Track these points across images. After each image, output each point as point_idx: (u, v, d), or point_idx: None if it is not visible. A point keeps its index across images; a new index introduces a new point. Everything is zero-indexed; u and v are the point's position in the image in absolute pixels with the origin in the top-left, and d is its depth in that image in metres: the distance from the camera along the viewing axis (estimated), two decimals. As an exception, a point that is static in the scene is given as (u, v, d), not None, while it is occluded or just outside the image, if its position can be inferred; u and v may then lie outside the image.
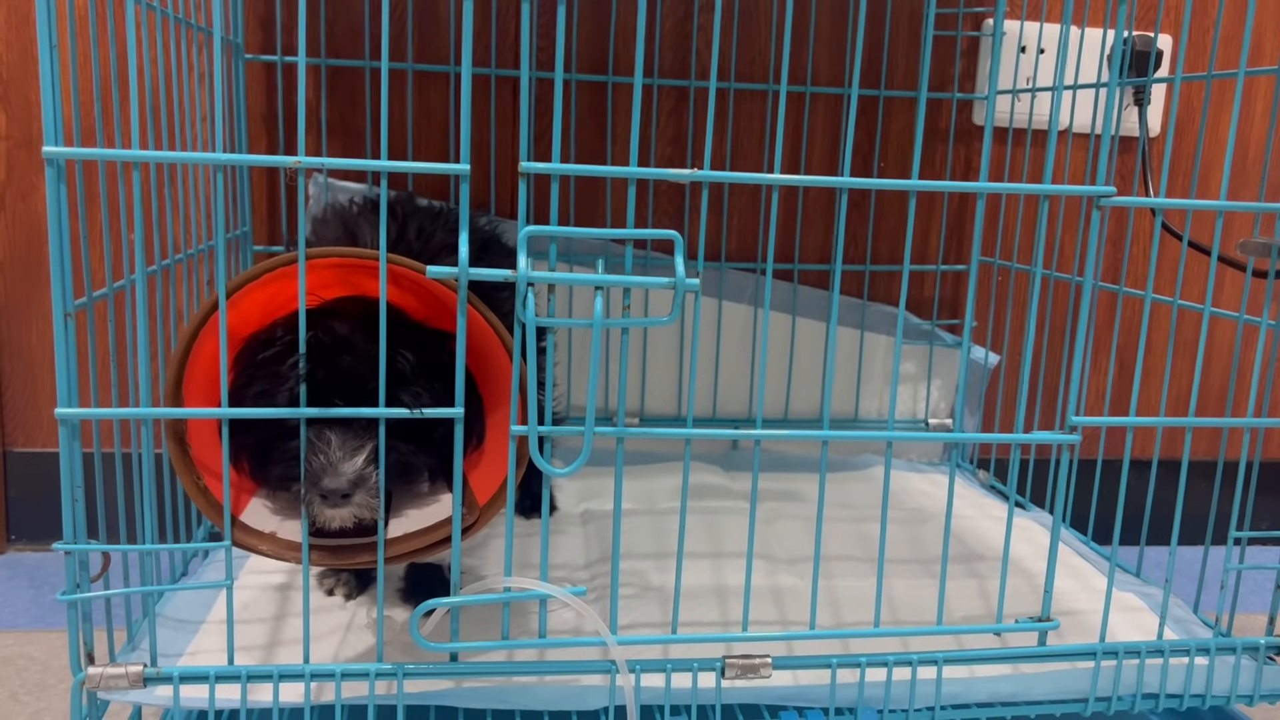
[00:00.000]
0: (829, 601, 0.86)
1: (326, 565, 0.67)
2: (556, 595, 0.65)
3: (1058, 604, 0.86)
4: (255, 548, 0.64)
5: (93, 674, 0.64)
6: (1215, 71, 0.90)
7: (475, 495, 0.67)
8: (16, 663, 0.90)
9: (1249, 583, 1.14)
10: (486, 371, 0.68)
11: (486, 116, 1.14)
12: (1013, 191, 0.68)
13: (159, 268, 0.79)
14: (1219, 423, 0.78)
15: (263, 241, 1.12)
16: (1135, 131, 1.21)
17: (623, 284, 0.61)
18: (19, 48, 1.06)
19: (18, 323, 1.11)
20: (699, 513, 1.04)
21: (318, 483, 0.62)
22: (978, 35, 1.20)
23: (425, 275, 0.60)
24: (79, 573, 0.63)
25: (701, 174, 0.62)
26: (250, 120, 1.11)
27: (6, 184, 1.07)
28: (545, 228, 0.60)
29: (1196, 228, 1.14)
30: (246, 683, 0.64)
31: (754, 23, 1.17)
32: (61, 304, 0.59)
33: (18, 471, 1.13)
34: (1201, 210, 0.75)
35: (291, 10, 1.09)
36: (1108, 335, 1.24)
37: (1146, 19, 1.20)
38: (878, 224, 1.22)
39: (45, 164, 0.58)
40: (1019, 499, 1.16)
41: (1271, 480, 1.30)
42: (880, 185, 0.67)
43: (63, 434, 0.60)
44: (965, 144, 1.23)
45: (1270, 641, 0.76)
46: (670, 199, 1.19)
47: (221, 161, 0.58)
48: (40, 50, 0.57)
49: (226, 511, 0.63)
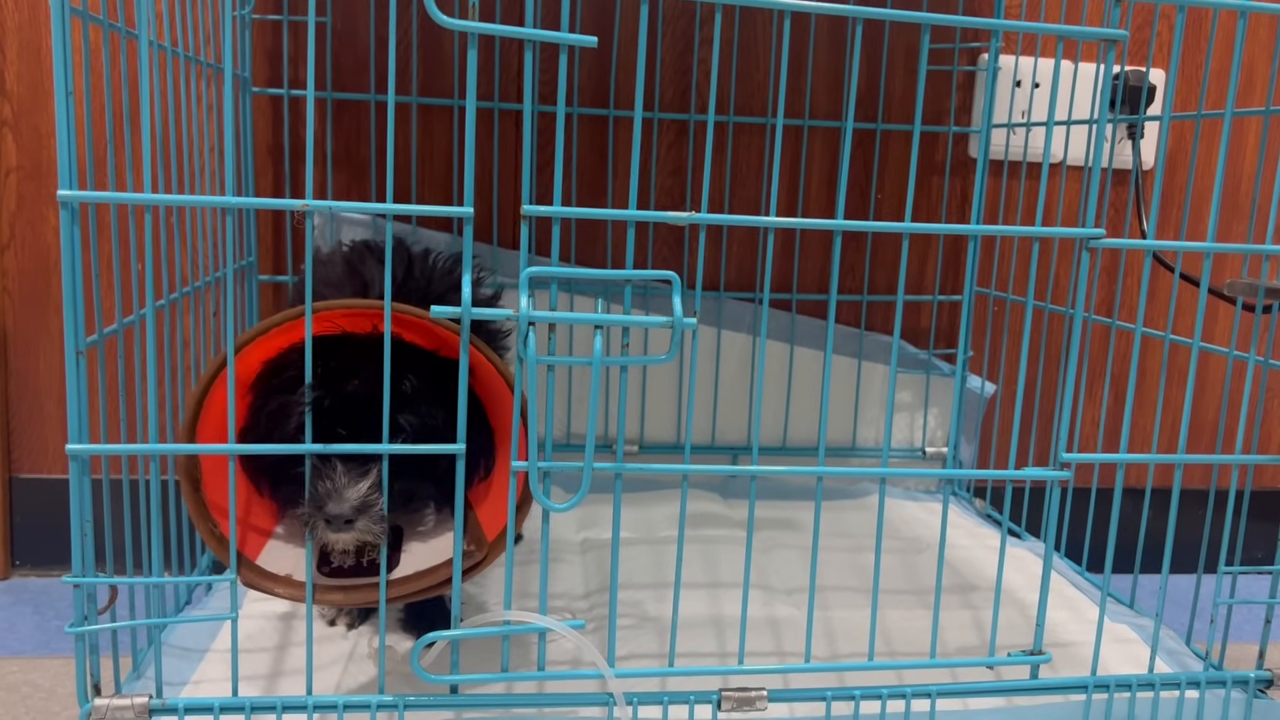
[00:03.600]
0: (825, 633, 0.87)
1: (338, 604, 0.69)
2: (556, 629, 0.66)
3: (1051, 635, 0.87)
4: (271, 590, 0.66)
5: (99, 705, 0.65)
6: (1205, 111, 0.92)
7: (484, 530, 0.69)
8: (21, 690, 0.90)
9: (1243, 612, 1.15)
10: (496, 404, 0.69)
11: (489, 149, 1.16)
12: (1004, 234, 0.69)
13: (166, 302, 0.80)
14: (1210, 459, 0.80)
15: (268, 271, 1.14)
16: (1129, 165, 1.23)
17: (622, 323, 0.62)
18: (29, 79, 1.08)
19: (25, 351, 1.12)
20: (697, 542, 1.05)
21: (322, 507, 0.64)
22: (974, 70, 1.22)
23: (429, 317, 0.62)
24: (86, 605, 0.64)
25: (699, 217, 0.63)
26: (257, 153, 1.12)
27: (16, 214, 1.09)
28: (546, 269, 0.62)
29: (1189, 260, 1.15)
30: (250, 714, 0.65)
31: (753, 57, 1.19)
32: (74, 341, 0.61)
33: (23, 498, 1.15)
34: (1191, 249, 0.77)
35: (298, 44, 1.11)
36: (1103, 366, 1.25)
37: (1139, 54, 1.22)
38: (875, 255, 1.24)
39: (60, 207, 0.59)
40: (1014, 528, 1.17)
41: (1265, 509, 1.31)
42: (874, 228, 0.68)
43: (73, 469, 0.61)
44: (961, 176, 1.24)
45: (1260, 675, 0.77)
46: (670, 229, 1.21)
47: (233, 205, 0.60)
48: (56, 95, 0.58)
49: (233, 546, 0.64)
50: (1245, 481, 0.81)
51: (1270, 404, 1.33)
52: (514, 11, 1.14)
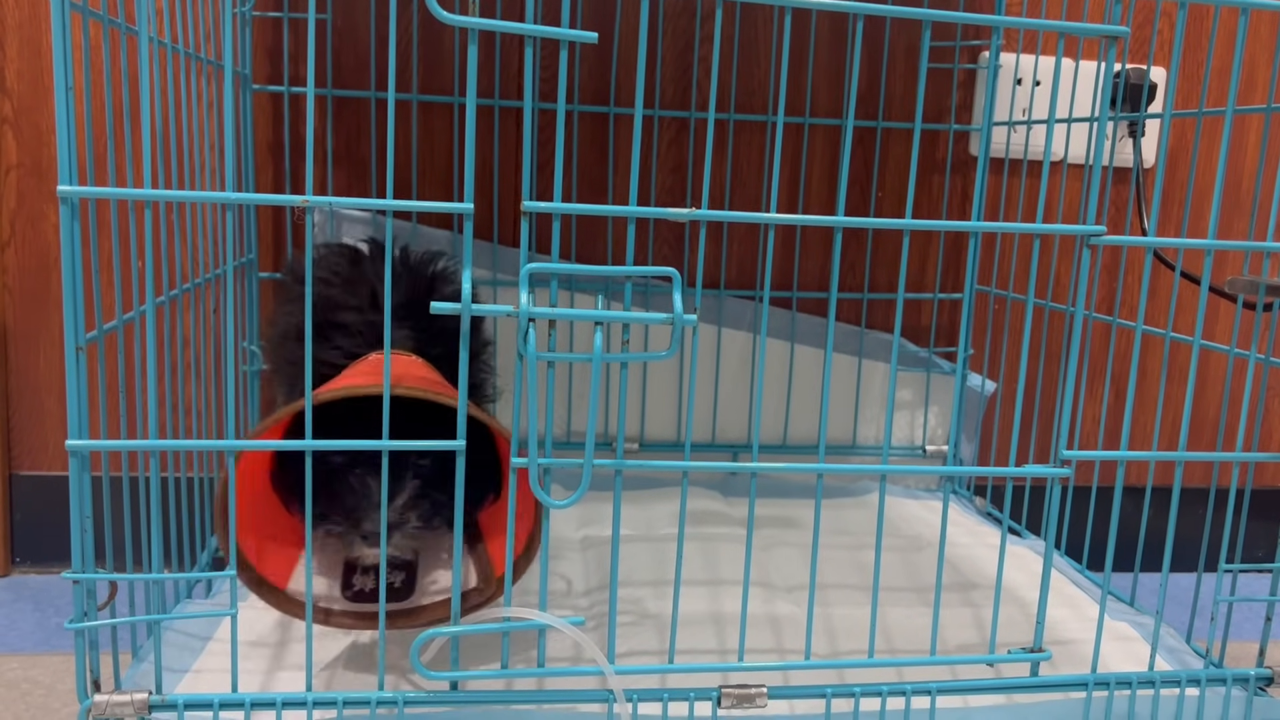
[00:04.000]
0: (825, 630, 0.87)
1: (360, 628, 0.71)
2: (555, 626, 0.66)
3: (1051, 633, 0.87)
4: (299, 615, 0.68)
5: (99, 701, 0.65)
6: (1207, 108, 0.92)
7: (494, 564, 0.71)
8: (21, 686, 0.90)
9: (1244, 610, 1.15)
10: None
11: (490, 147, 1.16)
12: (1005, 230, 0.69)
13: (166, 298, 0.80)
14: (1210, 457, 0.79)
15: (268, 269, 1.14)
16: (1130, 164, 1.22)
17: (622, 320, 0.62)
18: (29, 77, 1.08)
19: (26, 348, 1.12)
20: (697, 539, 1.05)
21: (358, 525, 0.68)
22: (975, 68, 1.22)
23: (451, 394, 0.65)
24: (86, 601, 0.64)
25: (699, 214, 0.63)
26: (257, 150, 1.12)
27: (17, 211, 1.09)
28: (546, 265, 0.61)
29: (1190, 258, 1.15)
30: (250, 710, 0.65)
31: (753, 55, 1.19)
32: (73, 338, 0.61)
33: (23, 495, 1.15)
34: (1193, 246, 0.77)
35: (299, 41, 1.11)
36: (1104, 363, 1.25)
37: (1140, 52, 1.22)
38: (876, 253, 1.24)
39: (59, 202, 0.59)
40: (1015, 526, 1.17)
41: (1266, 507, 1.31)
42: (874, 224, 0.68)
43: (73, 465, 0.61)
44: (963, 174, 1.24)
45: (1260, 673, 0.77)
46: (671, 226, 1.21)
47: (233, 201, 0.60)
48: (56, 91, 0.58)
49: (233, 543, 0.64)
50: (1246, 480, 0.80)
51: (1271, 402, 1.33)
52: (514, 8, 1.14)
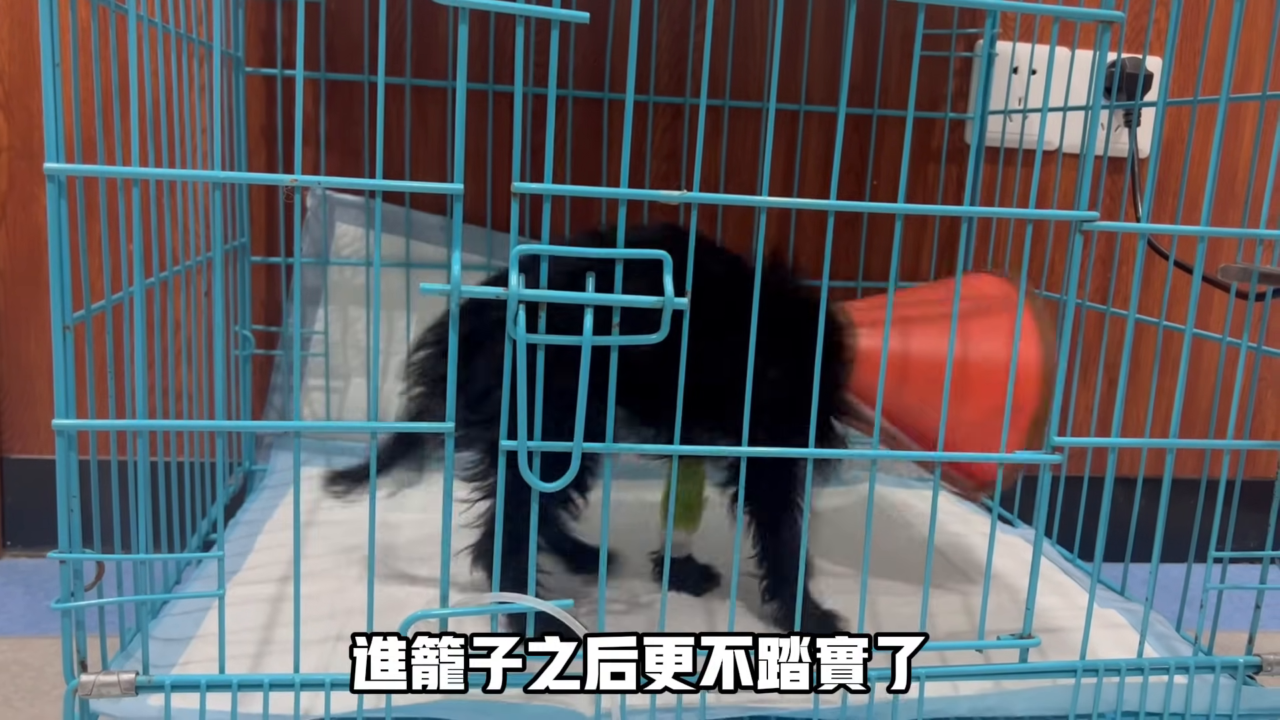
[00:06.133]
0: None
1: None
2: (544, 608, 0.66)
3: (1041, 620, 0.87)
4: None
5: (85, 681, 0.64)
6: (1202, 96, 0.92)
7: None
8: (10, 669, 0.90)
9: (1234, 599, 1.15)
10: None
11: (483, 132, 1.16)
12: (999, 215, 0.69)
13: (156, 280, 0.80)
14: (1202, 444, 0.79)
15: (261, 252, 1.13)
16: (1125, 153, 1.22)
17: (612, 303, 0.62)
18: (21, 59, 1.07)
19: (16, 331, 1.12)
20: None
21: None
22: (970, 56, 1.21)
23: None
24: (73, 581, 0.63)
25: (691, 196, 0.63)
26: (250, 133, 1.12)
27: (8, 194, 1.08)
28: (536, 246, 0.61)
29: (1184, 247, 1.15)
30: (237, 691, 0.65)
31: (748, 42, 1.18)
32: (60, 317, 0.60)
33: (14, 478, 1.14)
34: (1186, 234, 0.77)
35: (291, 24, 1.10)
36: (1096, 351, 1.25)
37: (1136, 41, 1.21)
38: (870, 241, 1.24)
39: (46, 180, 0.59)
40: (1006, 514, 1.17)
41: (1257, 497, 1.31)
42: (868, 208, 0.68)
43: (60, 445, 0.61)
44: (958, 163, 1.24)
45: (1249, 660, 0.78)
46: (664, 211, 1.20)
47: (220, 179, 0.60)
48: (43, 67, 0.58)
49: (221, 521, 0.64)
50: (1237, 469, 0.80)
51: (1263, 391, 1.33)
52: (509, -7, 1.13)
